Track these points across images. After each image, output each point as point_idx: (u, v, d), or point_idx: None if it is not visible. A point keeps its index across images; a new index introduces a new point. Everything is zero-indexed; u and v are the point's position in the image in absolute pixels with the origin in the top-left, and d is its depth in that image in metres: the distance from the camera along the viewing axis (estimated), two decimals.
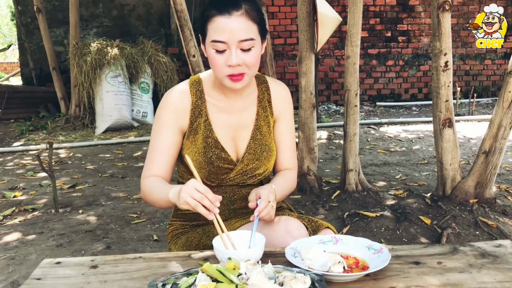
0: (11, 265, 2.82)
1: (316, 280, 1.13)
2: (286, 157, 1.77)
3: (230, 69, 1.50)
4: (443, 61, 3.23)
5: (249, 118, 1.69)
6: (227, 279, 1.10)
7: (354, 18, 3.57)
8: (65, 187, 4.44)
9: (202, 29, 1.54)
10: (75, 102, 7.78)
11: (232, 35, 1.46)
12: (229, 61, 1.48)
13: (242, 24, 1.47)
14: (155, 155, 1.64)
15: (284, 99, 1.75)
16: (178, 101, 1.64)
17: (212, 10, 1.48)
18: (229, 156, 1.65)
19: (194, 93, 1.65)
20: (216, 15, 1.47)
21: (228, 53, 1.48)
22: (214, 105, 1.66)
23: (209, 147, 1.63)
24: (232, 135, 1.67)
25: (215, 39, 1.48)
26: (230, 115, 1.67)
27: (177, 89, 1.68)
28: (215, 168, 1.64)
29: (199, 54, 3.35)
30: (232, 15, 1.46)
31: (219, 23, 1.47)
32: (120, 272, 1.32)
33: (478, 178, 3.31)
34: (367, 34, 9.27)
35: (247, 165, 1.67)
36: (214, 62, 1.52)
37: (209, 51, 1.52)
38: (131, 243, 3.13)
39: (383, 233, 3.09)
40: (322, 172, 4.55)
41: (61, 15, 9.18)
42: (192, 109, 1.64)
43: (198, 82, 1.67)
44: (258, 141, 1.68)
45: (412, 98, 9.63)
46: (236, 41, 1.47)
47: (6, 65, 20.10)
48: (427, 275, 1.25)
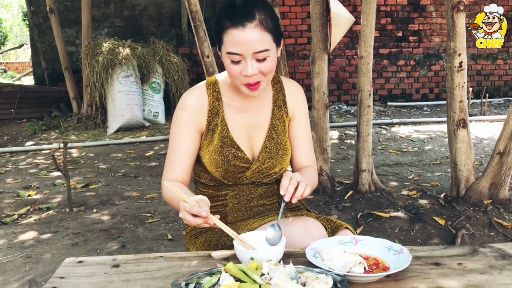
0: (28, 264, 2.85)
1: (338, 281, 1.14)
2: (304, 154, 1.78)
3: (246, 79, 1.52)
4: (458, 62, 3.22)
5: (265, 117, 1.71)
6: (250, 279, 1.11)
7: (367, 18, 3.57)
8: (78, 186, 4.47)
9: (218, 37, 1.55)
10: (87, 102, 7.83)
11: (246, 48, 1.47)
12: (244, 71, 1.50)
13: (256, 36, 1.47)
14: (175, 157, 1.65)
15: (299, 98, 1.77)
16: (196, 102, 1.66)
17: (226, 22, 1.48)
18: (245, 155, 1.67)
19: (211, 94, 1.67)
20: (230, 27, 1.47)
21: (243, 63, 1.50)
22: (230, 106, 1.68)
23: (226, 146, 1.65)
24: (248, 134, 1.69)
25: (230, 51, 1.49)
26: (246, 115, 1.69)
27: (195, 91, 1.70)
28: (232, 167, 1.65)
29: (213, 55, 3.36)
30: (246, 28, 1.46)
31: (233, 35, 1.47)
32: (142, 271, 1.33)
33: (492, 179, 3.30)
34: (378, 34, 9.24)
35: (263, 163, 1.68)
36: (230, 71, 1.54)
37: (225, 61, 1.54)
38: (146, 242, 3.15)
39: (397, 233, 3.08)
40: (334, 172, 4.55)
41: (73, 15, 9.24)
42: (210, 110, 1.66)
43: (214, 84, 1.69)
44: (274, 139, 1.70)
45: (423, 98, 9.59)
46: (251, 53, 1.48)
47: (18, 65, 20.23)
48: (447, 276, 1.25)
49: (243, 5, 1.49)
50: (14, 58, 22.26)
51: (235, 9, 1.49)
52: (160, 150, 5.96)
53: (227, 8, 1.52)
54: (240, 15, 1.47)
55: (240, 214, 1.73)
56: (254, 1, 1.51)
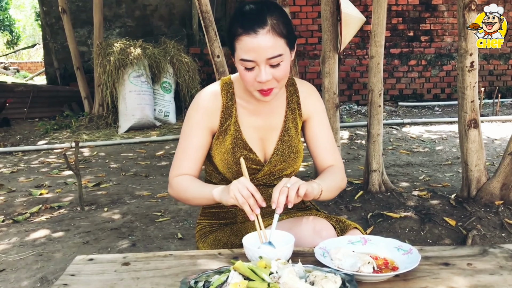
0: (39, 261, 2.87)
1: (346, 280, 1.14)
2: (327, 153, 1.74)
3: (260, 85, 1.52)
4: (469, 62, 3.20)
5: (278, 120, 1.70)
6: (259, 277, 1.12)
7: (378, 18, 3.56)
8: (90, 185, 4.51)
9: (230, 45, 1.54)
10: (99, 102, 7.88)
11: (259, 54, 1.46)
12: (258, 77, 1.49)
13: (269, 42, 1.45)
14: (185, 154, 1.66)
15: (313, 99, 1.75)
16: (210, 103, 1.66)
17: (238, 29, 1.47)
18: (257, 157, 1.67)
19: (225, 95, 1.66)
20: (243, 34, 1.46)
21: (257, 69, 1.49)
22: (243, 108, 1.68)
23: (238, 147, 1.64)
24: (260, 136, 1.69)
25: (244, 58, 1.48)
26: (259, 117, 1.68)
27: (209, 90, 1.69)
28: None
29: (223, 55, 3.38)
30: (259, 34, 1.44)
31: (246, 42, 1.46)
32: (151, 269, 1.34)
33: (504, 180, 3.27)
34: (389, 34, 9.20)
35: (274, 166, 1.68)
36: (244, 77, 1.54)
37: (238, 67, 1.53)
38: (156, 241, 3.17)
39: (407, 234, 3.07)
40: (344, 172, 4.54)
41: (85, 16, 9.31)
42: (223, 111, 1.66)
43: (229, 84, 1.69)
44: (286, 142, 1.69)
45: (434, 98, 9.54)
46: (264, 59, 1.47)
47: (30, 64, 20.42)
48: (457, 277, 1.25)
49: (255, 10, 1.48)
50: (27, 58, 22.46)
51: (246, 16, 1.48)
52: (171, 149, 5.98)
53: (238, 14, 1.51)
54: (252, 22, 1.46)
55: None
56: (265, 6, 1.49)
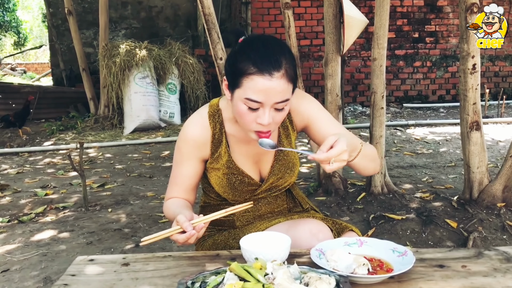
0: (44, 262, 2.91)
1: (341, 281, 1.16)
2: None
3: (259, 126, 1.45)
4: (471, 64, 3.20)
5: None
6: (254, 278, 1.14)
7: (381, 20, 3.57)
8: (94, 186, 4.54)
9: (234, 78, 1.44)
10: (104, 103, 7.93)
11: (269, 97, 1.40)
12: (260, 119, 1.43)
13: (281, 87, 1.39)
14: (177, 182, 1.68)
15: (304, 105, 1.66)
16: (198, 135, 1.62)
17: (251, 67, 1.39)
18: (252, 180, 1.66)
19: (214, 125, 1.62)
20: (256, 73, 1.38)
21: (261, 112, 1.42)
22: (234, 136, 1.64)
23: (232, 174, 1.63)
24: (254, 160, 1.67)
25: (251, 98, 1.40)
26: (250, 144, 1.63)
27: (196, 122, 1.64)
28: (239, 191, 1.66)
29: (226, 57, 3.39)
30: (273, 77, 1.38)
31: (258, 83, 1.38)
32: (150, 270, 1.37)
33: (506, 182, 3.28)
34: (394, 35, 9.21)
35: (271, 183, 1.69)
36: (243, 117, 1.46)
37: (239, 105, 1.44)
38: (159, 242, 3.19)
39: (409, 236, 3.08)
40: (347, 173, 4.55)
41: (91, 17, 9.37)
42: (212, 141, 1.63)
43: (217, 112, 1.63)
44: (282, 161, 1.68)
45: (439, 100, 9.53)
46: (272, 103, 1.41)
47: (37, 65, 20.55)
48: (451, 279, 1.26)
49: (271, 52, 1.41)
50: (34, 59, 22.61)
51: (261, 55, 1.40)
52: None
53: (252, 51, 1.42)
54: (268, 63, 1.39)
55: (248, 220, 1.75)
56: (280, 48, 1.44)
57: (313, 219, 1.58)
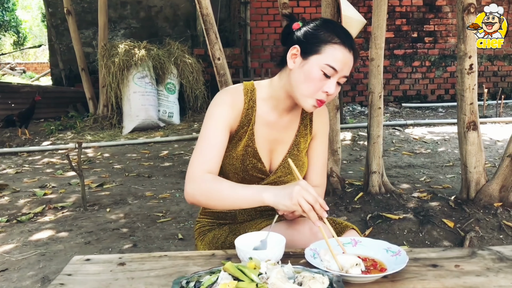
0: (42, 261, 2.92)
1: (334, 281, 1.17)
2: (317, 174, 1.78)
3: (322, 95, 1.55)
4: (468, 64, 3.22)
5: (290, 134, 1.73)
6: (248, 278, 1.15)
7: (378, 21, 3.59)
8: (93, 185, 4.55)
9: (313, 46, 1.54)
10: (103, 102, 7.94)
11: (344, 68, 1.53)
12: (327, 87, 1.53)
13: (352, 62, 1.55)
14: (212, 149, 1.58)
15: (324, 118, 1.79)
16: (234, 101, 1.64)
17: (335, 37, 1.52)
18: (264, 167, 1.69)
19: (247, 101, 1.65)
20: (340, 44, 1.51)
21: (331, 81, 1.53)
22: (261, 118, 1.68)
23: (248, 155, 1.66)
24: (270, 148, 1.71)
25: (332, 64, 1.51)
26: (273, 130, 1.70)
27: (233, 90, 1.68)
28: (249, 176, 1.68)
29: (224, 57, 3.40)
30: (351, 53, 1.53)
31: (340, 52, 1.51)
32: (146, 269, 1.37)
33: (503, 182, 3.29)
34: (393, 35, 9.21)
35: (279, 177, 1.71)
36: (315, 81, 1.53)
37: (314, 70, 1.53)
38: (157, 241, 3.21)
39: (406, 235, 3.09)
40: (345, 173, 4.57)
41: (90, 17, 9.38)
42: (243, 116, 1.65)
43: (252, 92, 1.68)
44: (294, 156, 1.71)
45: (438, 99, 9.54)
46: (342, 75, 1.54)
47: (37, 65, 20.54)
48: (444, 278, 1.27)
49: (350, 35, 1.57)
50: (33, 59, 22.60)
51: (345, 32, 1.55)
52: (174, 150, 6.02)
53: (337, 26, 1.57)
54: (350, 39, 1.54)
55: (249, 216, 1.76)
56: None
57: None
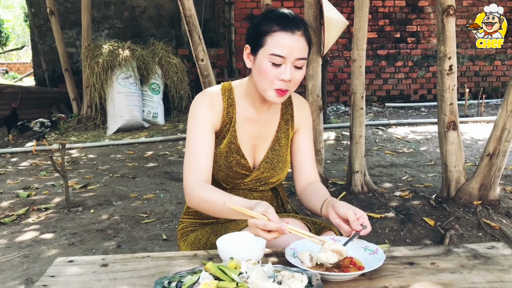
0: (25, 263, 2.91)
1: (312, 279, 1.20)
2: (311, 168, 1.80)
3: (279, 83, 1.56)
4: (448, 65, 3.28)
5: (271, 130, 1.76)
6: (229, 277, 1.17)
7: (360, 22, 3.63)
8: (77, 187, 4.54)
9: (257, 40, 1.58)
10: (87, 103, 7.91)
11: (291, 52, 1.53)
12: (282, 75, 1.54)
13: (301, 44, 1.55)
14: (200, 154, 1.62)
15: (305, 113, 1.82)
16: (213, 102, 1.68)
17: (274, 25, 1.54)
18: (247, 163, 1.72)
19: (226, 100, 1.70)
20: (279, 30, 1.53)
21: (283, 68, 1.54)
22: (242, 114, 1.71)
23: (231, 152, 1.69)
24: (253, 143, 1.74)
25: (276, 53, 1.53)
26: (254, 125, 1.73)
27: (211, 92, 1.72)
28: (233, 172, 1.71)
29: (207, 58, 3.43)
30: (294, 34, 1.53)
31: (282, 38, 1.53)
32: (129, 270, 1.39)
33: (482, 180, 3.35)
34: (376, 35, 9.30)
35: (262, 173, 1.75)
36: (266, 73, 1.56)
37: (263, 63, 1.56)
38: (141, 242, 3.22)
39: (387, 234, 3.14)
40: (329, 173, 4.61)
41: (74, 17, 9.33)
42: (224, 114, 1.69)
43: (229, 90, 1.72)
44: (276, 151, 1.75)
45: (421, 99, 9.65)
46: (294, 58, 1.54)
47: (19, 65, 20.35)
48: (420, 275, 1.31)
49: (291, 15, 1.58)
50: (16, 59, 22.38)
51: (283, 16, 1.57)
52: (159, 151, 6.02)
53: (276, 14, 1.58)
54: (289, 22, 1.55)
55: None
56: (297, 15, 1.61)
57: (293, 219, 1.63)
